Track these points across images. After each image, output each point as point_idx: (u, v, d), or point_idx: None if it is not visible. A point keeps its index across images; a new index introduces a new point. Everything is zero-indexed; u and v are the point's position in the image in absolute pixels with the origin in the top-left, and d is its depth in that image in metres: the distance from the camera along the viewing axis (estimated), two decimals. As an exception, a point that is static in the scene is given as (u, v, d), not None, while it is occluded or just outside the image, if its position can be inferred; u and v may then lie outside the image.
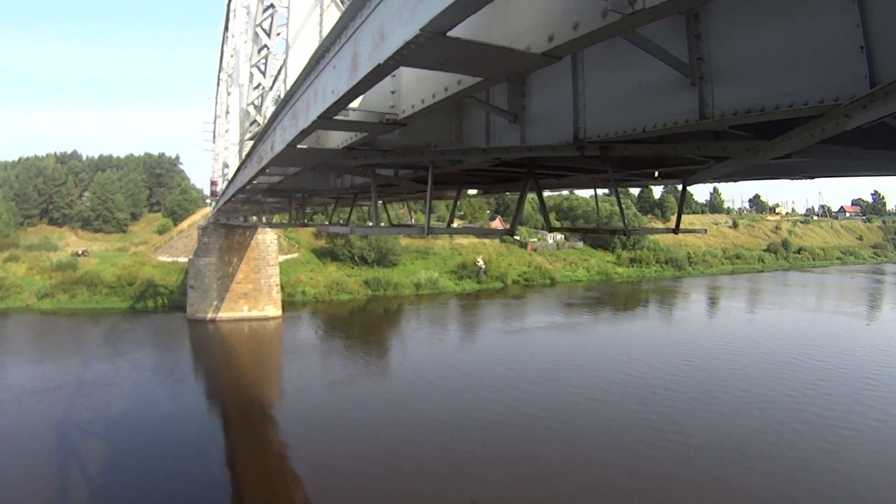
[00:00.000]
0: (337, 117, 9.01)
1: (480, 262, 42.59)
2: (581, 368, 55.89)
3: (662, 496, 31.79)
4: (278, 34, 28.16)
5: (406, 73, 8.75)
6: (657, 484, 32.71)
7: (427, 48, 5.11)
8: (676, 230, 16.16)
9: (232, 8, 46.67)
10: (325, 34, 12.96)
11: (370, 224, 26.89)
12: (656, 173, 14.58)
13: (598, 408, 44.61)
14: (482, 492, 31.99)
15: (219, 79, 72.25)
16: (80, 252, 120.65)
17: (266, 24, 28.75)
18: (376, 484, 33.31)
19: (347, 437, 40.14)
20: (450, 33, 4.89)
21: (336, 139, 12.61)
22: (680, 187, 15.31)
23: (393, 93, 9.07)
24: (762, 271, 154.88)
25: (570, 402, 45.99)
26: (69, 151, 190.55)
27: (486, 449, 37.11)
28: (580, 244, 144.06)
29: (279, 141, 13.36)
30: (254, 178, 20.98)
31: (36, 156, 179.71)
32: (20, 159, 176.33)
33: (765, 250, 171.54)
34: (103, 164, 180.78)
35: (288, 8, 18.57)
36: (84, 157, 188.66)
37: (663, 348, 64.55)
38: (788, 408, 44.43)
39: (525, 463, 35.04)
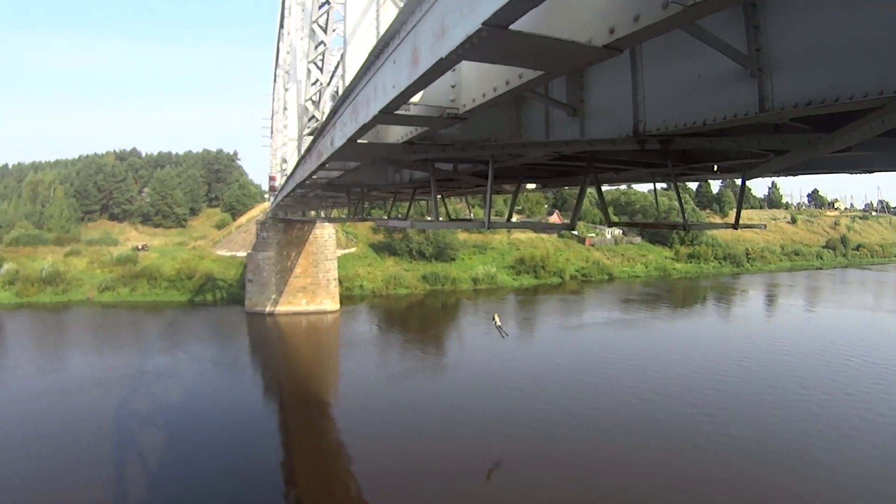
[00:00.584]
0: (398, 112, 9.03)
1: (497, 320, 42.05)
2: (637, 367, 55.40)
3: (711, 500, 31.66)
4: (334, 30, 28.24)
5: (466, 67, 8.75)
6: (705, 488, 32.48)
7: (489, 42, 5.11)
8: (736, 225, 15.87)
9: (287, 6, 46.89)
10: (382, 30, 13.03)
11: (429, 218, 26.86)
12: (715, 167, 14.31)
13: (652, 408, 44.26)
14: (530, 493, 31.96)
15: (275, 75, 72.78)
16: (140, 246, 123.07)
17: (322, 21, 28.80)
18: (427, 480, 33.48)
19: (402, 433, 40.41)
20: (511, 27, 4.89)
21: (396, 134, 12.67)
22: (739, 181, 15.09)
23: (453, 87, 9.09)
24: (820, 268, 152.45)
25: (624, 402, 45.65)
26: (128, 149, 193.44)
27: (537, 449, 37.01)
28: (638, 239, 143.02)
29: (339, 136, 13.44)
30: (313, 173, 21.13)
31: (96, 153, 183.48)
32: (80, 157, 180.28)
33: (823, 247, 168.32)
34: (162, 160, 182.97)
35: (344, 4, 18.62)
36: (143, 154, 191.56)
37: (720, 347, 63.87)
38: (843, 412, 43.65)
39: (577, 465, 34.89)
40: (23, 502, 31.19)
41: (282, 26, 55.75)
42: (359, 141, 12.22)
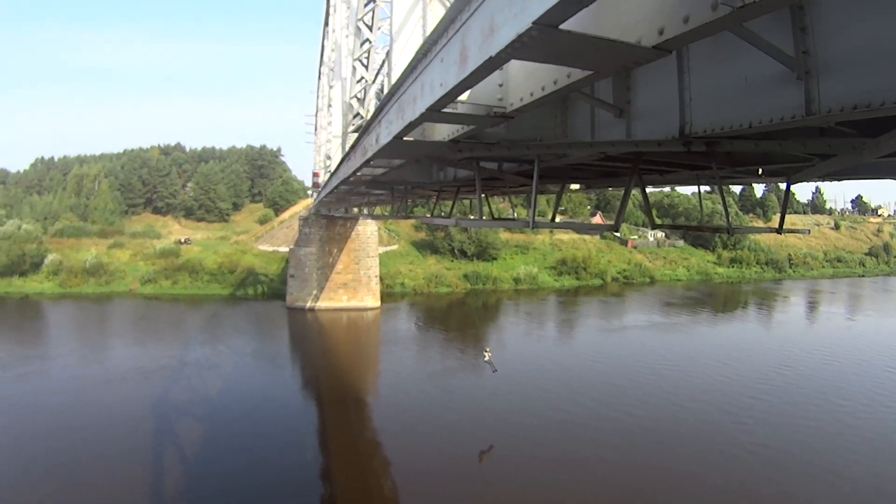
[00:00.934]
0: (445, 110, 9.05)
1: (487, 355, 41.84)
2: (676, 372, 55.05)
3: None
4: (379, 28, 28.33)
5: (514, 66, 8.76)
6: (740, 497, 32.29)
7: (539, 41, 5.13)
8: (780, 230, 15.73)
9: (332, 3, 46.99)
10: (428, 28, 13.07)
11: (473, 217, 26.86)
12: (760, 170, 14.28)
13: (689, 415, 43.95)
14: (563, 498, 31.94)
15: (320, 72, 73.04)
16: (182, 240, 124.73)
17: (367, 19, 28.88)
18: (462, 479, 33.58)
19: (439, 431, 40.62)
20: (561, 26, 4.90)
21: (442, 132, 12.73)
22: (783, 186, 14.98)
23: (501, 86, 9.11)
24: (863, 276, 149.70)
25: (663, 407, 45.44)
26: (173, 143, 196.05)
27: (571, 453, 36.91)
28: (681, 242, 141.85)
29: (384, 133, 13.50)
30: (358, 169, 21.22)
31: (140, 147, 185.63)
32: (125, 151, 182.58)
33: (866, 254, 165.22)
34: (206, 155, 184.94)
35: (390, 3, 18.69)
36: (187, 149, 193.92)
37: (759, 354, 63.12)
38: (882, 425, 42.91)
39: (610, 470, 34.73)
40: (66, 487, 31.70)
41: (326, 24, 55.99)
42: (405, 138, 12.27)
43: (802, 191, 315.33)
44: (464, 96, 9.18)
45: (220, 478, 33.24)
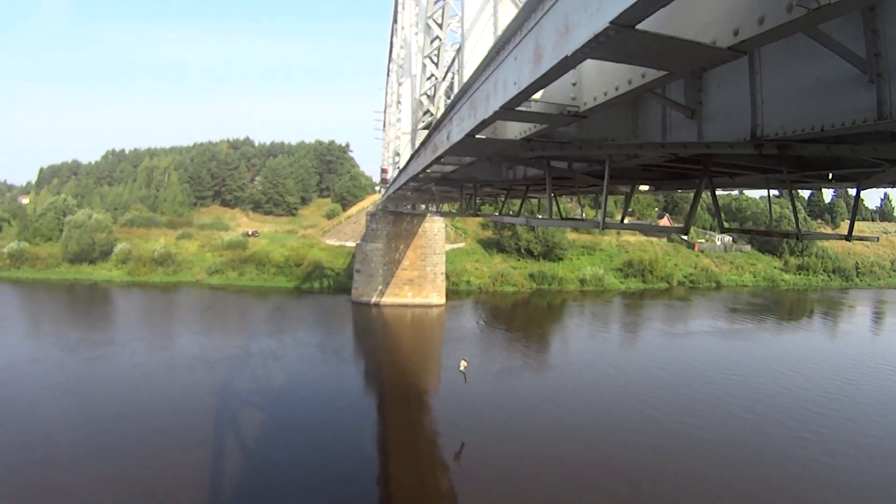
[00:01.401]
0: (518, 108, 9.07)
1: (463, 367, 41.45)
2: (741, 378, 54.39)
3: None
4: (449, 25, 28.41)
5: (588, 65, 8.73)
6: None
7: (615, 41, 5.19)
8: (849, 237, 15.55)
9: (400, 1, 47.24)
10: (500, 26, 13.16)
11: (541, 216, 26.80)
12: (830, 175, 14.09)
13: (748, 425, 43.19)
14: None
15: (388, 69, 73.40)
16: (250, 232, 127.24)
17: (437, 16, 28.93)
18: (520, 479, 33.46)
19: (499, 430, 40.62)
20: (638, 26, 4.95)
21: (514, 130, 12.77)
22: (853, 191, 14.83)
23: (574, 85, 9.14)
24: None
25: (725, 414, 44.92)
26: (242, 138, 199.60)
27: (633, 459, 36.52)
28: (748, 247, 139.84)
29: (456, 131, 13.58)
30: (428, 166, 21.29)
31: (210, 141, 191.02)
32: (195, 144, 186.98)
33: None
34: (275, 150, 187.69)
35: (461, 0, 18.73)
36: (256, 143, 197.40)
37: (824, 365, 61.78)
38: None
39: (665, 477, 34.39)
40: (132, 471, 32.47)
41: (395, 21, 56.29)
42: (476, 136, 12.30)
43: (871, 197, 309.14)
44: (537, 95, 9.22)
45: (279, 466, 33.77)
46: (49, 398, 44.04)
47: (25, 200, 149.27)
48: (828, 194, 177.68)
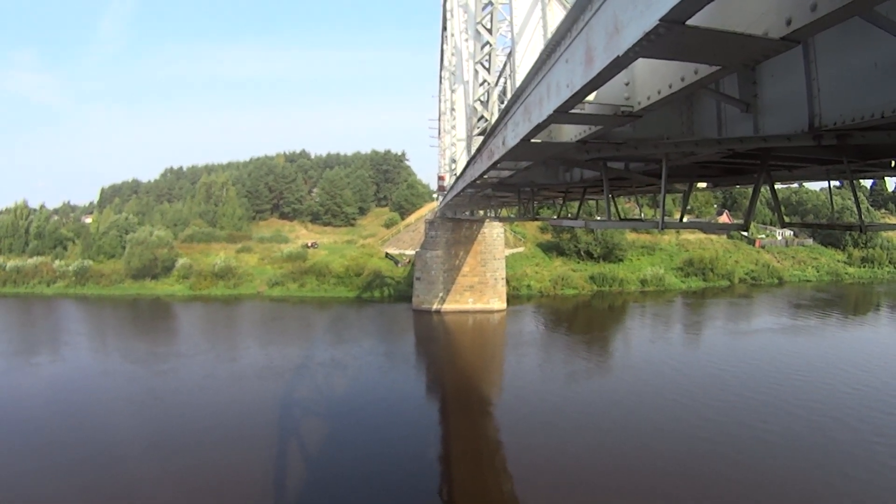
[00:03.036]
0: (572, 111, 9.07)
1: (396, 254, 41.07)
2: (807, 379, 52.82)
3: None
4: (498, 30, 28.44)
5: (640, 64, 8.58)
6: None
7: (666, 39, 5.13)
8: (915, 226, 15.31)
9: (448, 8, 47.38)
10: (549, 29, 13.14)
11: (600, 218, 26.71)
12: (893, 163, 13.82)
13: (820, 426, 42.07)
14: None
15: (440, 77, 73.85)
16: (309, 244, 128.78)
17: (486, 22, 29.02)
18: (582, 486, 33.24)
19: (561, 436, 40.30)
20: (688, 22, 4.90)
21: (569, 133, 12.73)
22: (917, 178, 14.55)
23: (627, 84, 9.08)
24: None
25: (793, 417, 43.60)
26: (298, 150, 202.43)
27: (699, 467, 35.88)
28: (810, 241, 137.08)
29: (511, 136, 13.58)
30: (484, 172, 21.35)
31: (266, 155, 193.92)
32: (252, 159, 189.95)
33: None
34: (331, 161, 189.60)
35: (509, 4, 18.69)
36: (312, 156, 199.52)
37: (893, 361, 60.40)
38: None
39: (734, 485, 33.57)
40: (207, 477, 33.35)
41: (444, 28, 56.47)
42: (532, 140, 12.29)
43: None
44: (591, 96, 9.19)
45: (344, 471, 34.23)
46: (123, 410, 45.05)
47: (89, 220, 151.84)
48: (891, 183, 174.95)
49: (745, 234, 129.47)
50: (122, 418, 43.16)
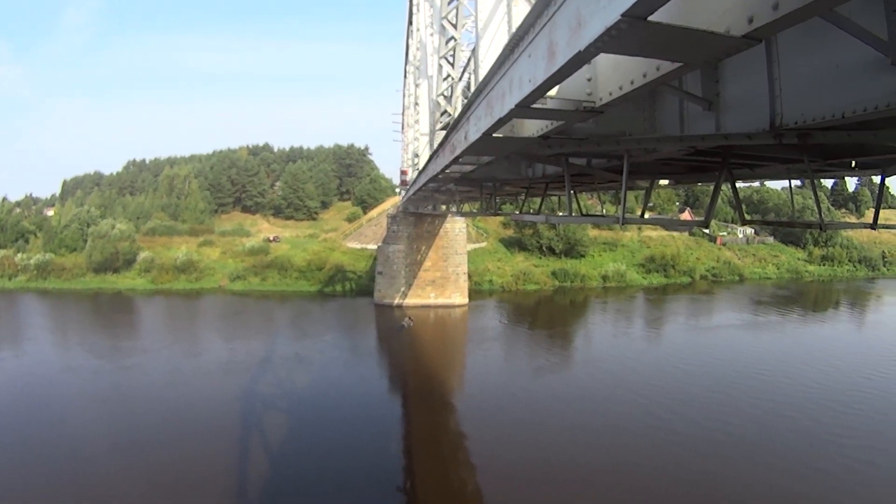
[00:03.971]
0: (534, 106, 9.09)
1: (406, 322, 41.49)
2: (768, 376, 52.95)
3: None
4: (464, 26, 28.46)
5: (602, 60, 8.71)
6: None
7: (628, 34, 5.12)
8: (874, 225, 15.30)
9: (415, 2, 47.33)
10: (514, 24, 13.14)
11: (562, 213, 26.87)
12: (853, 163, 13.96)
13: (781, 420, 42.62)
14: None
15: (405, 71, 73.79)
16: (271, 238, 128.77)
17: (451, 17, 28.99)
18: (544, 479, 33.23)
19: (523, 431, 40.43)
20: (650, 18, 4.90)
21: (531, 128, 12.71)
22: (878, 179, 14.69)
23: (589, 80, 9.04)
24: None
25: (754, 415, 43.59)
26: (261, 144, 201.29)
27: (659, 459, 36.00)
28: (770, 239, 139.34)
29: (473, 130, 13.55)
30: (447, 167, 21.32)
31: (229, 148, 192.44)
32: (214, 152, 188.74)
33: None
34: (294, 155, 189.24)
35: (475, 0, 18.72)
36: (276, 149, 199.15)
37: (853, 358, 60.53)
38: None
39: (690, 484, 33.59)
40: (175, 473, 33.05)
41: (410, 23, 56.33)
42: (493, 135, 12.25)
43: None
44: (552, 91, 9.14)
45: (307, 466, 34.27)
46: (88, 406, 44.63)
47: (51, 212, 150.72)
48: (851, 183, 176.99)
49: (706, 231, 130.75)
50: (87, 415, 42.71)
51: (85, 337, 71.37)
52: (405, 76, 74.32)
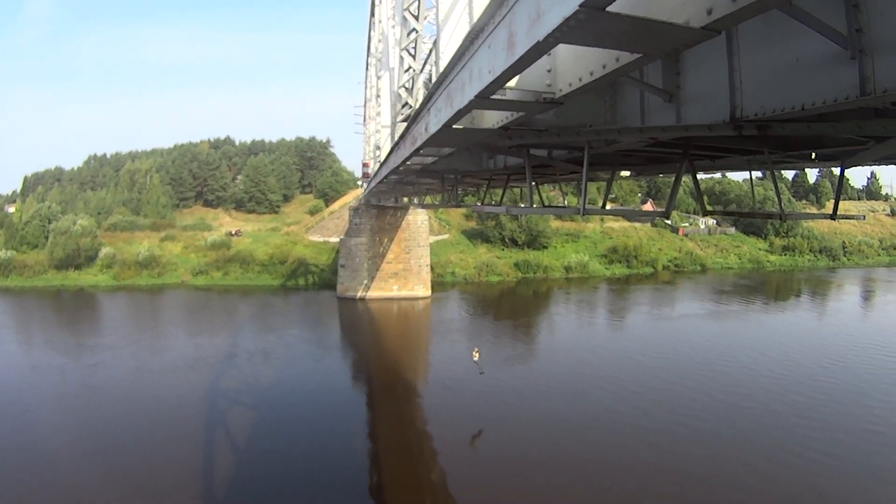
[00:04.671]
0: (494, 97, 9.04)
1: (476, 356, 41.32)
2: (730, 364, 53.74)
3: None
4: (426, 18, 28.38)
5: (562, 51, 8.70)
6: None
7: (586, 25, 5.09)
8: (834, 216, 15.43)
9: (377, -7, 47.20)
10: (475, 16, 13.07)
11: (523, 205, 26.87)
12: (813, 155, 14.05)
13: (742, 409, 43.06)
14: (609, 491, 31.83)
15: (367, 63, 73.42)
16: (233, 232, 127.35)
17: (413, 8, 28.88)
18: (508, 468, 33.51)
19: (487, 420, 40.73)
20: (608, 9, 4.86)
21: (491, 119, 12.71)
22: (837, 170, 14.74)
23: (549, 71, 9.04)
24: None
25: (716, 402, 44.29)
26: (222, 137, 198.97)
27: (622, 450, 36.23)
28: (732, 230, 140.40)
29: (434, 122, 13.48)
30: (407, 159, 21.28)
31: (190, 142, 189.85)
32: (176, 146, 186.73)
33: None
34: (256, 148, 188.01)
35: (437, -10, 18.65)
36: (237, 143, 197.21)
37: (814, 345, 61.42)
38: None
39: (649, 468, 33.92)
40: (147, 472, 32.86)
41: (373, 14, 56.21)
42: (454, 126, 12.23)
43: (857, 176, 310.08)
44: (512, 82, 9.10)
45: (272, 461, 33.98)
46: (55, 405, 44.21)
47: (12, 209, 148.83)
48: (812, 175, 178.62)
49: (668, 222, 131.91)
50: (53, 414, 42.26)
51: (50, 335, 70.44)
52: (367, 68, 73.99)
